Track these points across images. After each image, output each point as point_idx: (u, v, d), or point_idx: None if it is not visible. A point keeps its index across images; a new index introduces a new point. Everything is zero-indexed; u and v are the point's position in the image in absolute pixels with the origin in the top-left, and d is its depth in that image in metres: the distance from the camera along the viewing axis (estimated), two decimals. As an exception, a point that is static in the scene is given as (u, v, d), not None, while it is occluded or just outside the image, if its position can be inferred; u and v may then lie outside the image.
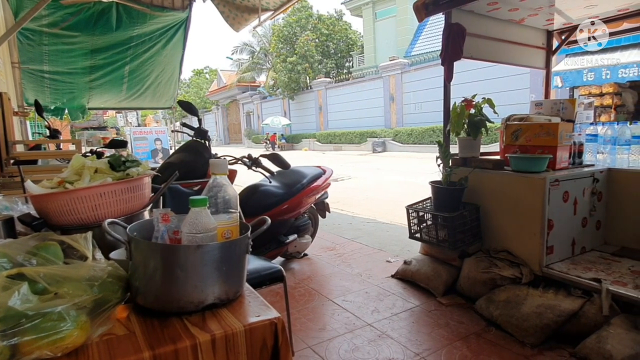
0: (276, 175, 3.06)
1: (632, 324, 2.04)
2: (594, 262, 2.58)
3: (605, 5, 2.98)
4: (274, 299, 2.79)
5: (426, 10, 3.00)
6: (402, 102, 19.66)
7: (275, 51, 26.75)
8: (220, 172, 0.99)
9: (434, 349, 2.21)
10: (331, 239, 4.45)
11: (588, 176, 2.71)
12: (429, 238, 2.93)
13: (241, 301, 0.96)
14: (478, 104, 2.90)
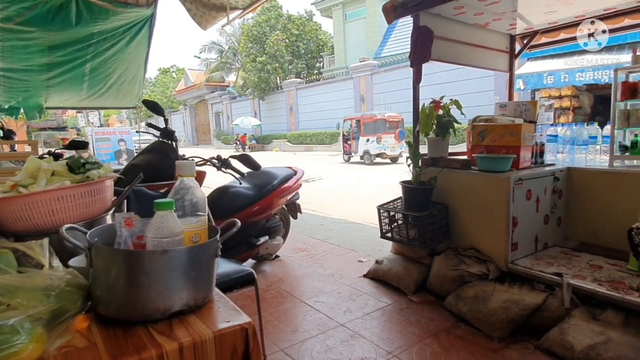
0: (246, 176, 3.01)
1: (590, 316, 2.14)
2: (556, 257, 2.70)
3: (563, 12, 3.12)
4: (245, 303, 2.74)
5: (395, 13, 3.04)
6: (372, 103, 19.92)
7: (244, 51, 26.43)
8: (188, 174, 0.95)
9: (405, 347, 2.24)
10: (303, 240, 4.43)
11: (549, 175, 2.83)
12: (399, 237, 2.97)
13: (210, 307, 0.93)
14: (446, 105, 2.97)
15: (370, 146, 13.61)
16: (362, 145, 13.88)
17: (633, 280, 2.24)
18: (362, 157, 14.13)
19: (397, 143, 13.60)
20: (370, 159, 13.81)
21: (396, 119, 14.48)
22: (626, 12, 3.04)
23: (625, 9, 3.02)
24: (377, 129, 13.89)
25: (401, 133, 13.81)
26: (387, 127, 14.01)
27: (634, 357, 1.83)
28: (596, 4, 2.95)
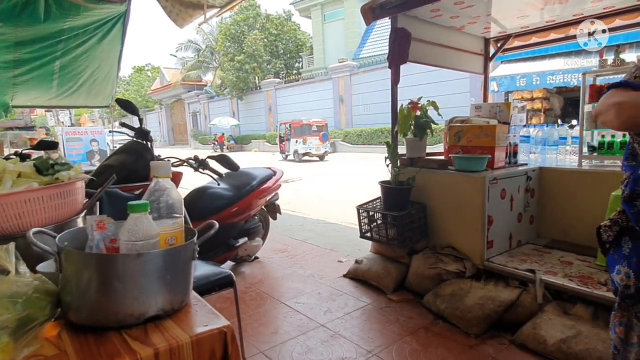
0: (225, 177, 2.97)
1: (562, 310, 2.22)
2: (529, 254, 2.78)
3: (535, 17, 3.22)
4: (224, 305, 2.70)
5: (373, 14, 3.06)
6: (351, 104, 20.03)
7: (222, 50, 26.09)
8: (163, 175, 0.93)
9: (385, 345, 2.25)
10: (282, 240, 4.41)
11: (522, 174, 2.91)
12: (379, 237, 3.00)
13: (187, 311, 0.91)
14: (423, 106, 3.02)
15: (298, 146, 15.88)
16: (293, 145, 16.12)
17: (601, 276, 2.33)
18: (293, 155, 16.26)
19: (321, 144, 15.94)
20: (299, 157, 16.01)
21: (321, 124, 16.70)
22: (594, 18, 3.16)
23: (593, 15, 3.14)
24: (304, 132, 16.20)
25: (324, 136, 16.23)
26: (312, 130, 16.30)
27: (602, 349, 1.90)
28: (565, 9, 3.05)
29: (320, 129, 16.33)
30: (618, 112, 1.08)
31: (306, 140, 15.77)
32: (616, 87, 1.15)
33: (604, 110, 1.13)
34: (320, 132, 16.17)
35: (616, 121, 1.10)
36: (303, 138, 15.88)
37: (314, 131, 16.29)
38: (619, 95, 1.09)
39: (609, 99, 1.13)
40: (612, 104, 1.09)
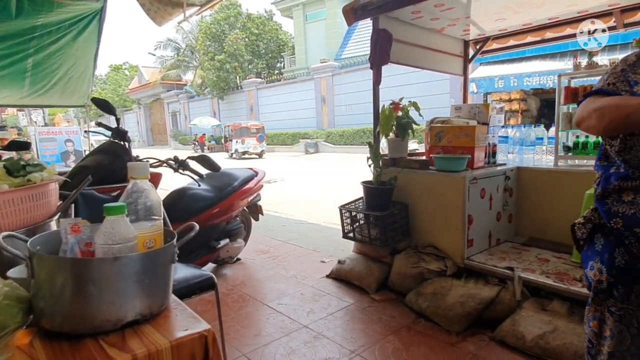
0: (206, 178, 2.92)
1: (540, 306, 2.27)
2: (507, 252, 2.84)
3: (512, 20, 3.30)
4: (205, 308, 2.66)
5: (355, 15, 3.08)
6: (333, 104, 20.08)
7: (202, 49, 25.75)
8: (141, 176, 0.90)
9: (368, 345, 2.26)
10: (265, 241, 4.38)
11: (501, 174, 2.97)
12: (361, 237, 3.01)
13: (167, 315, 0.89)
14: (405, 106, 3.04)
15: (238, 146, 18.45)
16: (234, 145, 18.72)
17: (576, 272, 2.40)
18: (234, 153, 18.64)
19: (258, 144, 18.72)
20: (239, 155, 18.34)
21: (257, 126, 19.40)
22: (568, 22, 3.26)
23: (567, 19, 3.24)
24: (243, 134, 18.78)
25: (260, 137, 18.91)
26: (250, 132, 18.89)
27: (577, 343, 1.96)
28: (541, 13, 3.14)
29: (258, 131, 19.04)
30: (600, 118, 1.11)
31: (244, 140, 18.47)
32: (592, 94, 1.18)
33: (586, 117, 1.16)
34: (258, 134, 18.93)
35: (599, 126, 1.13)
36: (242, 139, 18.49)
37: (252, 133, 18.86)
38: (598, 102, 1.12)
39: (588, 105, 1.16)
40: (593, 109, 1.12)
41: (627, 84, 1.13)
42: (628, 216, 1.15)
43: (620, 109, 1.06)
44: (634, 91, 1.12)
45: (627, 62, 1.18)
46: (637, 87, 1.12)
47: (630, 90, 1.12)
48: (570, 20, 3.24)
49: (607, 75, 1.20)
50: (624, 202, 1.16)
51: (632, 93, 1.12)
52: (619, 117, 1.06)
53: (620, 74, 1.16)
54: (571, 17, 3.21)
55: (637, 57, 1.17)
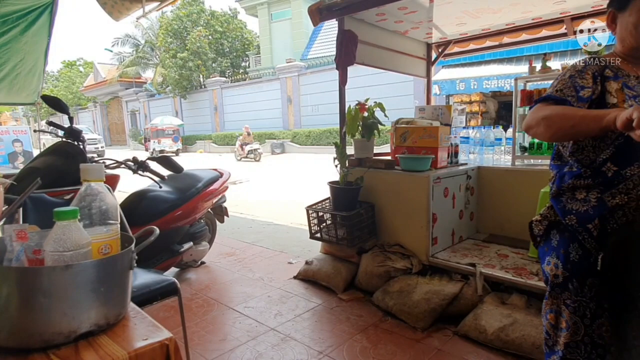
0: (167, 179, 2.82)
1: (500, 300, 2.36)
2: (470, 249, 2.94)
3: (472, 24, 3.41)
4: (167, 314, 2.57)
5: (320, 15, 3.07)
6: (299, 104, 20.04)
7: (163, 46, 24.90)
8: (95, 178, 0.84)
9: (336, 345, 2.26)
10: (231, 244, 4.29)
11: (463, 174, 3.07)
12: (328, 237, 3.01)
13: (125, 324, 0.85)
14: (371, 107, 3.07)
15: (155, 145, 20.63)
16: (152, 145, 20.81)
17: (533, 267, 2.52)
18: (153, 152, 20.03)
19: (173, 144, 21.35)
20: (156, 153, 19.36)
21: (172, 128, 21.80)
22: (523, 28, 3.42)
23: (522, 25, 3.40)
24: (159, 135, 21.17)
25: (175, 137, 21.60)
26: (166, 134, 21.36)
27: (535, 334, 2.05)
28: (498, 19, 3.27)
29: (173, 133, 21.71)
30: (547, 127, 1.16)
31: (160, 141, 20.92)
32: (542, 101, 1.23)
33: (534, 125, 1.20)
34: (173, 135, 21.63)
35: (546, 134, 1.18)
36: (159, 139, 20.96)
37: (168, 134, 21.39)
38: (546, 110, 1.17)
39: (537, 113, 1.20)
40: (541, 118, 1.17)
41: (573, 89, 1.19)
42: (581, 213, 1.21)
43: (567, 119, 1.11)
44: (580, 95, 1.18)
45: (575, 68, 1.24)
46: (582, 91, 1.19)
47: (576, 95, 1.18)
48: (525, 26, 3.40)
49: (557, 82, 1.26)
50: (577, 200, 1.22)
51: (577, 98, 1.17)
52: (565, 127, 1.11)
53: (568, 80, 1.22)
54: (526, 24, 3.36)
55: (584, 64, 1.24)
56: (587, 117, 1.07)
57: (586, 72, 1.21)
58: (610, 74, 1.20)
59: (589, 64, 1.23)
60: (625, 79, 1.19)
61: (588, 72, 1.21)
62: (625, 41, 1.21)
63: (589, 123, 1.06)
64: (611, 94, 1.17)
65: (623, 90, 1.17)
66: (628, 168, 1.15)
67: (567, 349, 1.26)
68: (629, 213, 1.15)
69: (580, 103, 1.16)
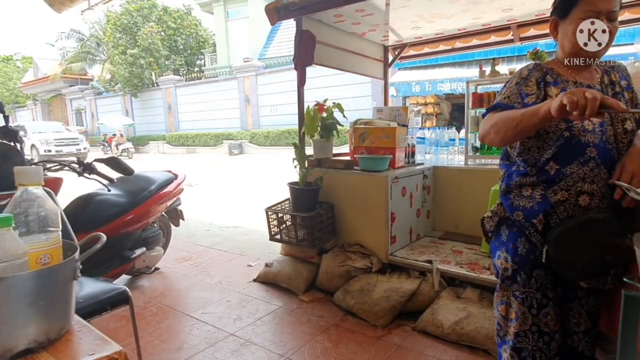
0: (117, 182, 2.67)
1: (455, 295, 2.45)
2: (427, 246, 3.03)
3: (426, 29, 3.52)
4: (119, 325, 2.42)
5: (278, 15, 3.04)
6: (257, 104, 19.79)
7: (111, 41, 23.64)
8: (32, 182, 0.77)
9: (297, 347, 2.24)
10: (187, 248, 4.14)
11: (419, 173, 3.16)
12: (288, 238, 2.98)
13: (68, 339, 0.78)
14: (329, 108, 3.08)
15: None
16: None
17: (485, 261, 2.63)
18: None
19: None
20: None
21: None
22: (474, 34, 3.58)
23: (473, 31, 3.55)
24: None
25: None
26: None
27: (488, 326, 2.14)
28: (451, 24, 3.40)
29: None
30: (496, 133, 1.24)
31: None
32: (492, 110, 1.31)
33: (486, 133, 1.29)
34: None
35: (497, 139, 1.26)
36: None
37: None
38: (494, 118, 1.26)
39: (487, 122, 1.29)
40: (491, 126, 1.25)
41: (519, 96, 1.27)
42: (527, 209, 1.27)
43: (510, 121, 1.19)
44: (525, 102, 1.25)
45: (521, 75, 1.32)
46: (527, 98, 1.26)
47: (522, 102, 1.26)
48: (475, 32, 3.56)
49: (505, 89, 1.34)
50: (524, 197, 1.29)
51: (523, 105, 1.25)
52: (510, 129, 1.19)
53: (515, 87, 1.30)
54: (476, 30, 3.52)
55: (529, 71, 1.31)
56: (526, 113, 1.15)
57: (530, 79, 1.29)
58: (551, 80, 1.29)
59: (533, 72, 1.30)
60: (564, 84, 1.28)
61: (532, 79, 1.29)
62: (565, 47, 1.29)
63: (529, 118, 1.14)
64: (552, 98, 1.24)
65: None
66: (568, 166, 1.23)
67: (516, 338, 1.32)
68: (569, 208, 1.22)
69: None
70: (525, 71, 1.31)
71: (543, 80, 1.28)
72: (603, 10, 1.19)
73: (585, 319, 1.34)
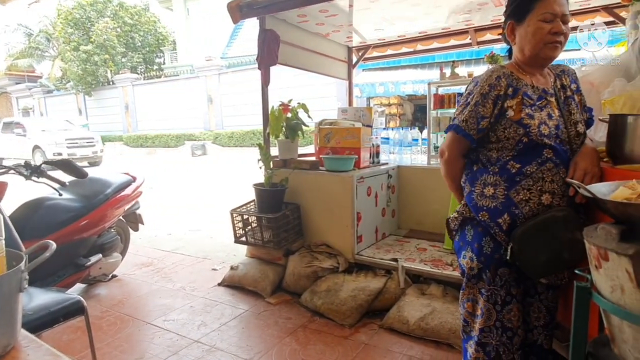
0: (69, 185, 2.52)
1: (420, 292, 2.50)
2: (392, 245, 3.08)
3: (389, 31, 3.59)
4: (73, 337, 2.28)
5: (241, 13, 2.98)
6: (221, 104, 19.38)
7: (62, 36, 22.35)
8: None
9: (265, 351, 2.20)
10: (147, 253, 3.98)
11: (384, 173, 3.21)
12: (254, 240, 2.94)
13: (14, 356, 0.72)
14: (294, 108, 3.06)
15: None
16: None
17: (448, 258, 2.71)
18: None
19: None
20: None
21: None
22: (435, 37, 3.69)
23: (434, 34, 3.66)
24: None
25: None
26: None
27: (452, 321, 2.21)
28: (412, 27, 3.48)
29: None
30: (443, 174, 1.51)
31: None
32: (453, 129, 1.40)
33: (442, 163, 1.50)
34: None
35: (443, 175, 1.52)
36: None
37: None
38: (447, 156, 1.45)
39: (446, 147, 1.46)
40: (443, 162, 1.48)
41: (475, 122, 1.33)
42: (491, 209, 1.32)
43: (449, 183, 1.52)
44: (480, 127, 1.33)
45: (482, 91, 1.33)
46: (482, 122, 1.32)
47: (477, 127, 1.33)
48: (436, 35, 3.66)
49: (466, 108, 1.35)
50: (486, 197, 1.33)
51: (477, 130, 1.33)
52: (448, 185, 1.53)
53: (474, 109, 1.33)
54: (437, 33, 3.63)
55: (489, 87, 1.32)
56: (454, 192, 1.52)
57: (489, 98, 1.31)
58: (511, 92, 1.31)
59: (493, 88, 1.31)
60: (524, 88, 1.33)
61: (490, 97, 1.31)
62: (524, 50, 1.34)
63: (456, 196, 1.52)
64: (511, 108, 1.31)
65: (523, 99, 1.30)
66: (528, 166, 1.28)
67: (481, 333, 1.36)
68: (534, 207, 1.28)
69: (479, 134, 1.35)
70: (486, 87, 1.32)
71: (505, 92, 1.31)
72: (558, 13, 1.26)
73: (544, 314, 1.40)
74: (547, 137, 1.27)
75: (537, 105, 1.31)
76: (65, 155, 12.18)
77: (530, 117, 1.28)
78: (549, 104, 1.33)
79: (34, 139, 13.00)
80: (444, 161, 1.47)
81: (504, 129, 1.31)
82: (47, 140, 12.73)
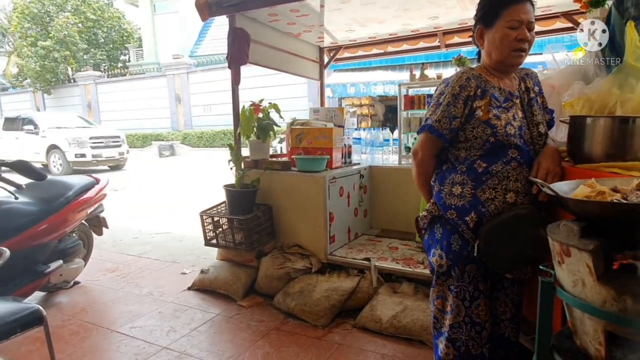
0: (26, 188, 2.38)
1: (392, 290, 2.53)
2: (364, 244, 3.10)
3: (360, 32, 3.62)
4: (32, 348, 2.16)
5: (209, 10, 2.92)
6: (190, 104, 18.93)
7: (19, 31, 21.18)
8: None
9: (237, 355, 2.17)
10: (112, 258, 3.82)
11: (356, 173, 3.23)
12: (225, 243, 2.88)
13: (-36, 376, 0.66)
14: (265, 108, 3.03)
15: None
16: None
17: (419, 256, 2.76)
18: None
19: None
20: None
21: None
22: (405, 39, 3.75)
23: (403, 36, 3.72)
24: None
25: None
26: None
27: (423, 318, 2.24)
28: (383, 29, 3.52)
29: None
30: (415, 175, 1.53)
31: None
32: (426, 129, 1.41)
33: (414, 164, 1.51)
34: None
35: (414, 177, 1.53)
36: None
37: None
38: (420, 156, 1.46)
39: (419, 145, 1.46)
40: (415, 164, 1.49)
41: (448, 121, 1.36)
42: (459, 207, 1.35)
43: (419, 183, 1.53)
44: (452, 127, 1.36)
45: (453, 92, 1.36)
46: (454, 122, 1.36)
47: (449, 127, 1.36)
48: (406, 37, 3.73)
49: (438, 108, 1.38)
50: (455, 195, 1.36)
51: (450, 130, 1.36)
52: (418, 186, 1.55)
53: (446, 109, 1.36)
54: (406, 35, 3.69)
55: (460, 88, 1.35)
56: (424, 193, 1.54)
57: (460, 98, 1.35)
58: (480, 93, 1.36)
59: (464, 89, 1.35)
60: (492, 90, 1.37)
61: (461, 98, 1.35)
62: (492, 55, 1.38)
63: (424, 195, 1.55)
64: (480, 109, 1.34)
65: (490, 100, 1.34)
66: (494, 165, 1.33)
67: (451, 329, 1.39)
68: (499, 205, 1.32)
69: (451, 134, 1.38)
70: (457, 87, 1.35)
71: (475, 93, 1.35)
72: (524, 20, 1.31)
73: (510, 307, 1.45)
74: (513, 136, 1.32)
75: (504, 106, 1.36)
76: (89, 157, 10.72)
77: (497, 118, 1.32)
78: (514, 105, 1.38)
79: (49, 137, 10.82)
80: (418, 161, 1.47)
81: (473, 129, 1.35)
82: (66, 139, 10.61)
